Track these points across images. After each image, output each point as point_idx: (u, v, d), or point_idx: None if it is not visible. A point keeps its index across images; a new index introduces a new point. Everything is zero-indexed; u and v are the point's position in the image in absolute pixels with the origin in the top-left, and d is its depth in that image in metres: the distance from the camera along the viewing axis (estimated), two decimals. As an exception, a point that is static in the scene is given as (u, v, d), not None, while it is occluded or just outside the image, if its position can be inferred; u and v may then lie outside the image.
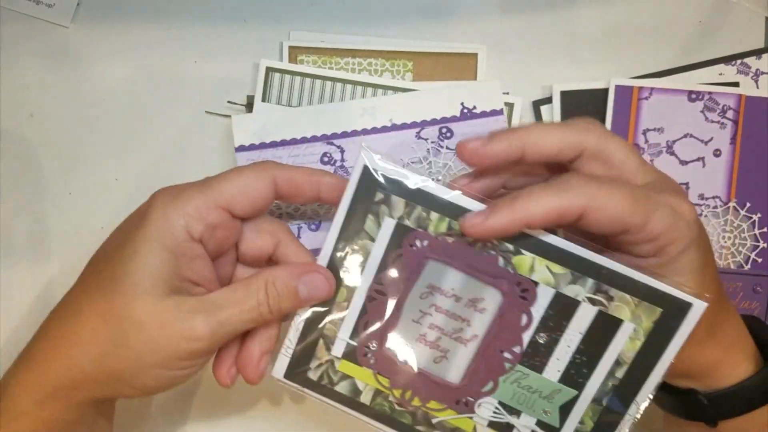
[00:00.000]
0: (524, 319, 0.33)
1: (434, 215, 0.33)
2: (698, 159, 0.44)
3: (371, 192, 0.33)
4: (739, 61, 0.45)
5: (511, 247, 0.32)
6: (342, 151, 0.42)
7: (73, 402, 0.33)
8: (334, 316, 0.35)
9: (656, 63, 0.45)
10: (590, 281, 0.32)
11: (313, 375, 0.35)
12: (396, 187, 0.33)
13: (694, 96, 0.44)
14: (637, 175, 0.33)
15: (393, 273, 0.34)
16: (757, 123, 0.44)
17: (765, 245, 0.44)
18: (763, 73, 0.45)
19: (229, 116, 0.43)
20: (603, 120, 0.44)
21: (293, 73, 0.43)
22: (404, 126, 0.42)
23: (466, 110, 0.42)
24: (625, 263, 0.32)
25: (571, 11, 0.46)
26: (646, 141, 0.44)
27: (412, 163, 0.42)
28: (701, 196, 0.44)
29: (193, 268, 0.33)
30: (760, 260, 0.44)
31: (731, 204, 0.44)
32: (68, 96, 0.45)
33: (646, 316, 0.32)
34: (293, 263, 0.35)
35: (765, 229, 0.44)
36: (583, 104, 0.45)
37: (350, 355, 0.35)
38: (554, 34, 0.46)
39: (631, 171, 0.33)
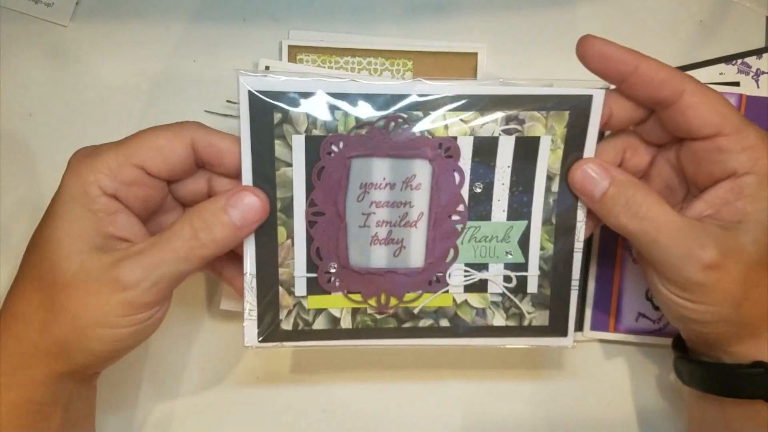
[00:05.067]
0: (457, 177, 0.34)
1: (339, 114, 0.33)
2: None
3: (268, 116, 0.32)
4: (739, 61, 0.45)
5: (420, 113, 0.33)
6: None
7: (36, 380, 0.32)
8: (284, 258, 0.34)
9: (657, 62, 0.45)
10: (500, 114, 0.33)
11: (286, 325, 0.35)
12: (291, 100, 0.32)
13: (694, 95, 0.44)
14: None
15: (322, 188, 0.33)
16: (758, 123, 0.44)
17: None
18: (763, 72, 0.45)
19: (229, 115, 0.43)
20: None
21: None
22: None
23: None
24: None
25: (571, 10, 0.46)
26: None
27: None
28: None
29: (115, 223, 0.32)
30: (760, 260, 0.44)
31: (732, 204, 0.44)
32: (67, 95, 0.45)
33: (558, 124, 0.34)
34: (219, 192, 0.34)
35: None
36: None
37: (314, 287, 0.35)
38: (555, 33, 0.46)
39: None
